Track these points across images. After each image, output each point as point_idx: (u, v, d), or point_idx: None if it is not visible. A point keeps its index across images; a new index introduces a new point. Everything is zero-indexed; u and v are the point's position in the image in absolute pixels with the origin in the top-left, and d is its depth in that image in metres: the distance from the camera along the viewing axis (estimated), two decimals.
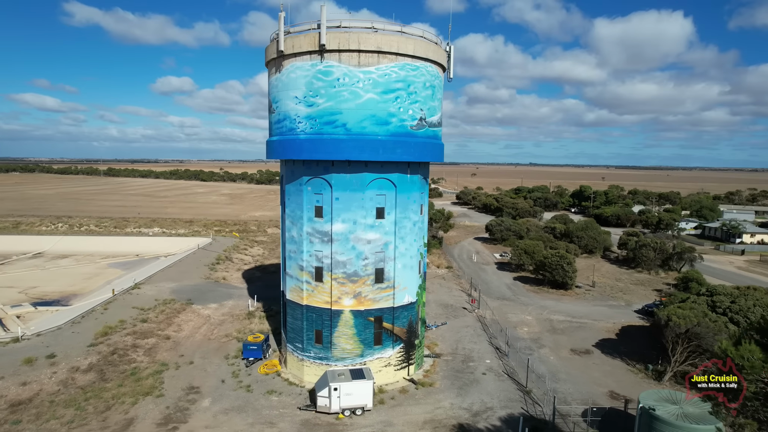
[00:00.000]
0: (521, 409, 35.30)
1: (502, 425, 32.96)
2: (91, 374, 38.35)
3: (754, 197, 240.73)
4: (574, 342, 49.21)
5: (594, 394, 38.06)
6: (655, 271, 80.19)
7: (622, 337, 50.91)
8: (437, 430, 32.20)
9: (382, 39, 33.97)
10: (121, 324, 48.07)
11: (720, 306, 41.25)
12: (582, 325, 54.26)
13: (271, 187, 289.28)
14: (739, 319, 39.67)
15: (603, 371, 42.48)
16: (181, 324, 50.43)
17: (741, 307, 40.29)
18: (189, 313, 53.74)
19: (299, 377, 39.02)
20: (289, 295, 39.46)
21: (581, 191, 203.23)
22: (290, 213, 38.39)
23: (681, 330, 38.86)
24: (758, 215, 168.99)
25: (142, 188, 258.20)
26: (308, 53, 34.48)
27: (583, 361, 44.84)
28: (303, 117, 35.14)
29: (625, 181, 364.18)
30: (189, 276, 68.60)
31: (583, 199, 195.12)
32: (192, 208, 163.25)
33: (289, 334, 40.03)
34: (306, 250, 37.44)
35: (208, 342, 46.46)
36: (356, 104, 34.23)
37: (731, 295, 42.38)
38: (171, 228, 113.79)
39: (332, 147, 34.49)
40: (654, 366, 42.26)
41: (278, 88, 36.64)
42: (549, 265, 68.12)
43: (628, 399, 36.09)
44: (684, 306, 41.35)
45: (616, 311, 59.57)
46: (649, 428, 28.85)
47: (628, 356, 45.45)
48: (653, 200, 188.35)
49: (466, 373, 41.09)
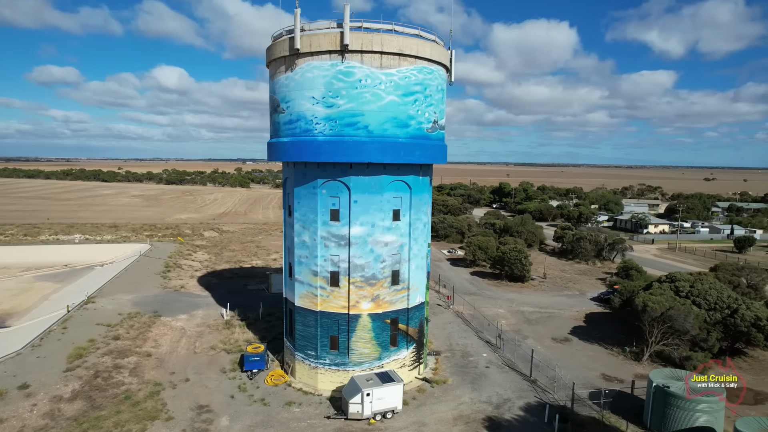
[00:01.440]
0: (534, 397, 37.32)
1: (526, 414, 34.66)
2: (79, 402, 34.27)
3: (642, 191, 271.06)
4: (551, 331, 52.68)
5: (589, 378, 41.21)
6: (592, 261, 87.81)
7: (591, 324, 55.42)
8: (470, 425, 33.11)
9: (403, 42, 34.02)
10: (93, 344, 43.31)
11: (682, 290, 46.54)
12: (551, 315, 58.18)
13: (185, 188, 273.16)
14: (700, 301, 45.04)
15: (587, 356, 46.06)
16: (157, 339, 46.53)
17: (699, 290, 45.78)
18: (160, 326, 49.68)
19: (312, 385, 37.90)
20: (298, 301, 38.12)
21: (501, 188, 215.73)
22: (300, 217, 37.09)
23: (657, 314, 43.30)
24: (651, 208, 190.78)
25: (35, 190, 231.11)
26: (328, 53, 33.57)
27: (566, 348, 48.23)
28: (321, 118, 34.15)
29: (526, 177, 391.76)
30: (144, 286, 63.17)
31: (503, 195, 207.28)
32: (107, 212, 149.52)
33: (298, 342, 38.67)
34: (320, 255, 36.45)
35: (194, 356, 43.38)
36: (378, 106, 33.98)
37: (688, 280, 47.95)
38: (94, 234, 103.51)
39: (354, 149, 33.92)
40: (630, 348, 46.62)
41: (290, 88, 35.21)
42: (508, 260, 71.95)
43: (634, 380, 39.50)
44: (654, 292, 46.07)
45: (575, 300, 64.56)
46: (664, 404, 32.00)
47: (603, 341, 49.66)
48: (572, 197, 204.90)
49: (470, 368, 42.45)
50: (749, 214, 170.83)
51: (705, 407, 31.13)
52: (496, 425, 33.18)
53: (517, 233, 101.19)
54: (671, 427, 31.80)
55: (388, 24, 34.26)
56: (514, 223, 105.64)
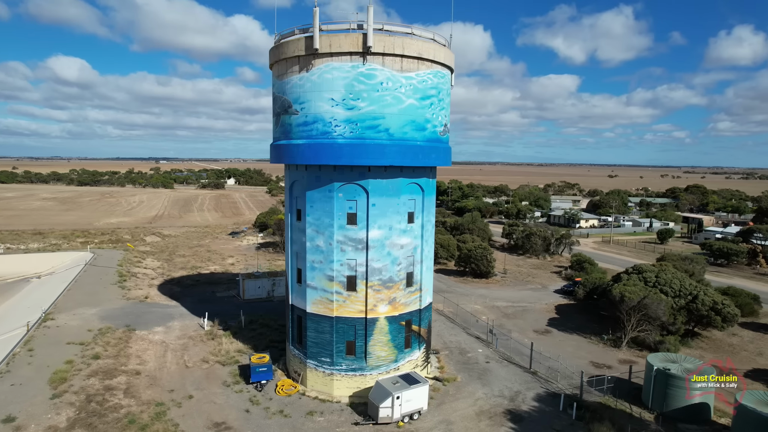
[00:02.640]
0: (541, 388, 39.28)
1: (540, 405, 36.43)
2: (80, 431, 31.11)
3: (562, 188, 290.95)
4: (530, 324, 55.50)
5: (581, 366, 43.88)
6: (542, 256, 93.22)
7: (562, 315, 59.05)
8: (494, 419, 34.24)
9: (422, 45, 34.33)
10: (72, 365, 39.28)
11: (650, 281, 51.05)
12: (525, 308, 61.25)
13: (103, 189, 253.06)
14: (666, 290, 49.68)
15: (572, 346, 49.12)
16: (140, 355, 43.17)
17: (665, 280, 50.50)
18: (138, 341, 46.11)
19: (327, 393, 37.16)
20: (311, 308, 37.16)
21: (437, 185, 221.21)
22: (314, 221, 36.18)
23: (633, 303, 47.18)
24: (574, 203, 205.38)
25: None
26: (348, 54, 33.07)
27: (549, 339, 51.07)
28: (342, 120, 33.58)
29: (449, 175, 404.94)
30: (104, 298, 58.05)
31: (440, 193, 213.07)
32: (19, 217, 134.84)
33: (310, 350, 37.69)
34: (337, 260, 35.82)
35: (188, 371, 40.81)
36: (398, 109, 34.04)
37: (653, 271, 52.69)
38: (16, 242, 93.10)
39: (376, 152, 33.72)
40: (608, 336, 50.36)
41: (305, 89, 34.23)
42: (474, 257, 74.55)
43: (631, 365, 42.61)
44: (628, 284, 50.14)
45: (541, 294, 68.35)
46: (665, 385, 35.11)
47: (580, 331, 53.19)
48: (500, 194, 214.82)
49: (472, 364, 43.72)
50: (657, 208, 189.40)
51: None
52: (518, 417, 34.60)
53: (468, 230, 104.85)
54: (671, 405, 35.00)
55: (406, 27, 34.39)
56: (465, 221, 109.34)
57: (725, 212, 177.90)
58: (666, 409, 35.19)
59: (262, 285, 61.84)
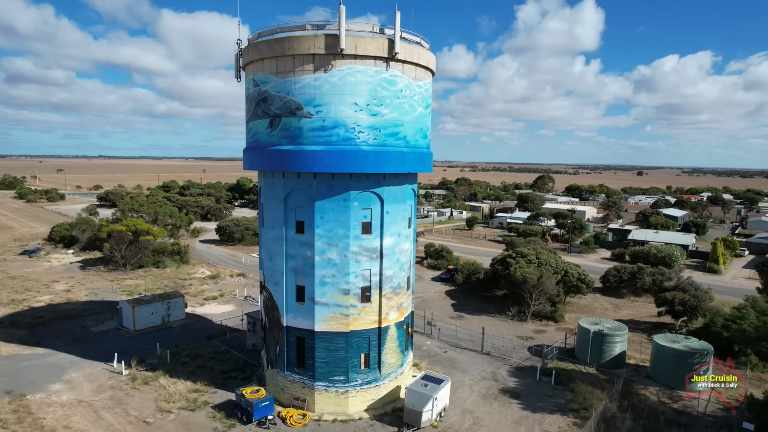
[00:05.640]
0: (505, 365, 44.76)
1: (520, 378, 41.66)
2: None
3: None
4: (441, 312, 60.96)
5: (512, 341, 51.23)
6: None
7: (457, 299, 66.30)
8: (499, 399, 38.05)
9: (429, 56, 35.39)
10: None
11: (533, 261, 61.97)
12: (424, 299, 66.45)
13: None
14: (549, 268, 61.14)
15: (491, 324, 56.13)
16: (68, 425, 32.78)
17: (546, 260, 62.06)
18: (44, 407, 34.69)
19: (343, 412, 35.24)
20: (321, 326, 34.49)
21: (239, 185, 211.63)
22: (325, 233, 33.67)
23: (534, 282, 56.96)
24: None
25: None
26: (373, 58, 31.97)
27: (468, 322, 57.33)
28: (366, 126, 32.30)
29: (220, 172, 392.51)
30: None
31: (245, 192, 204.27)
32: None
33: (319, 371, 34.96)
34: (353, 272, 34.23)
35: (154, 428, 33.08)
36: (413, 117, 34.50)
37: (534, 253, 63.94)
38: None
39: (397, 159, 33.58)
40: (511, 313, 59.31)
41: (323, 90, 31.66)
42: None
43: (567, 334, 51.16)
44: (522, 265, 59.91)
45: (423, 283, 74.62)
46: (600, 343, 44.50)
47: (485, 312, 61.06)
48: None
49: (434, 356, 46.59)
50: (440, 198, 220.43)
51: (619, 339, 45.01)
52: (515, 393, 39.20)
53: None
54: (605, 358, 44.65)
55: (416, 36, 34.82)
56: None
57: (489, 200, 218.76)
58: (601, 362, 44.67)
59: (155, 311, 52.10)
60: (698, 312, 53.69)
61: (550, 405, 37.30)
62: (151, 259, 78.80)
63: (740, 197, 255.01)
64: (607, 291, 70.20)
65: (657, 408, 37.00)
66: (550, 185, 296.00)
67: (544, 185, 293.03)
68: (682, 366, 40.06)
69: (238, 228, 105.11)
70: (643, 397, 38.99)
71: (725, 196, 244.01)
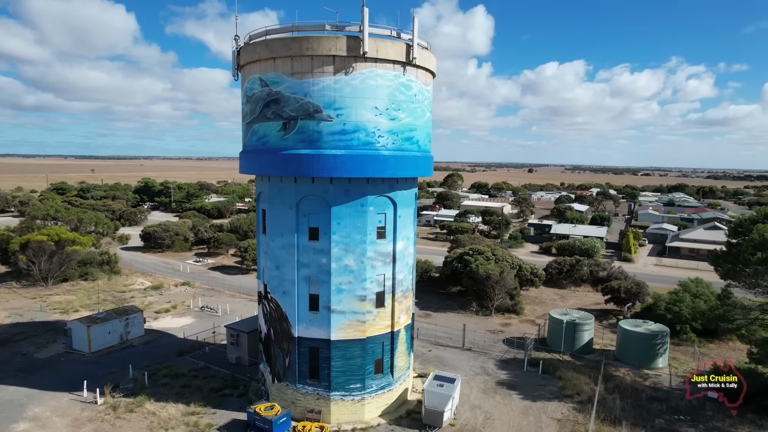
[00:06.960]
0: (490, 359, 46.76)
1: (509, 371, 43.80)
2: None
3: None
4: None
5: (485, 336, 53.56)
6: None
7: (419, 298, 67.59)
8: (499, 392, 39.73)
9: (433, 60, 35.90)
10: None
11: (491, 258, 65.11)
12: None
13: None
14: (506, 263, 64.59)
15: (458, 321, 58.06)
16: None
17: (502, 256, 65.47)
18: None
19: (359, 419, 34.69)
20: (337, 335, 33.63)
21: (148, 186, 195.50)
22: (342, 239, 32.90)
23: (497, 278, 59.97)
24: None
25: None
26: (392, 62, 31.85)
27: (437, 320, 58.81)
28: (385, 131, 32.10)
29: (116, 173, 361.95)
30: None
31: (154, 194, 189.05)
32: None
33: (335, 381, 34.06)
34: (369, 277, 33.83)
35: None
36: (423, 122, 34.90)
37: (490, 250, 67.10)
38: None
39: (413, 164, 33.85)
40: (474, 308, 61.84)
41: (344, 93, 30.92)
42: None
43: (539, 326, 54.02)
44: (482, 262, 62.70)
45: None
46: (573, 331, 48.20)
47: (450, 309, 63.03)
48: (220, 191, 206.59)
49: (424, 355, 47.30)
50: None
51: (587, 327, 49.12)
52: (510, 384, 41.19)
53: (252, 232, 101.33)
54: (576, 345, 48.46)
55: (425, 40, 35.11)
56: (241, 224, 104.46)
57: None
58: (574, 349, 48.41)
59: (113, 329, 47.01)
60: (638, 298, 60.09)
61: (546, 393, 39.75)
62: (77, 271, 70.58)
63: (621, 192, 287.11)
64: (550, 283, 75.62)
65: (636, 387, 41.07)
66: (459, 183, 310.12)
67: (454, 183, 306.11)
68: (647, 347, 44.82)
69: (167, 233, 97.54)
70: (619, 378, 43.00)
71: (611, 191, 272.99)
